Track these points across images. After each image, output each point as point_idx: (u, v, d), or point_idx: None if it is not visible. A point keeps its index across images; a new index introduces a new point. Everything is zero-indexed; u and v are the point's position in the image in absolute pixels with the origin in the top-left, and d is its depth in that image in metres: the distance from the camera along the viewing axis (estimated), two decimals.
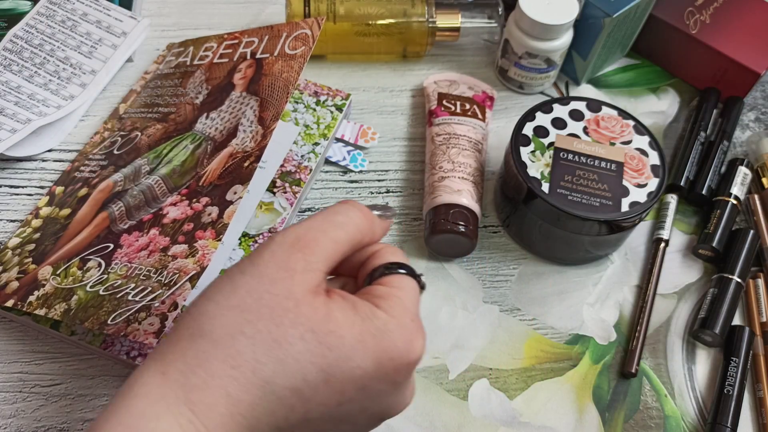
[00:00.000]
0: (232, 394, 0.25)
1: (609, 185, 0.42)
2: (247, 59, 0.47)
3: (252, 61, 0.47)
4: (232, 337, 0.25)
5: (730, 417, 0.40)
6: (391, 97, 0.54)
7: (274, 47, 0.46)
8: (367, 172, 0.50)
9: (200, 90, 0.48)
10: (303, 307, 0.26)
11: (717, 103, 0.54)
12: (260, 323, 0.26)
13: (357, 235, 0.29)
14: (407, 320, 0.28)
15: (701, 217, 0.49)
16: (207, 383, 0.25)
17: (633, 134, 0.44)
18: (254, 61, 0.47)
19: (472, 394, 0.41)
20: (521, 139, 0.44)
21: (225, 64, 0.48)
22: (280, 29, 0.47)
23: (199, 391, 0.25)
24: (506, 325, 0.44)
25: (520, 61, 0.52)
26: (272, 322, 0.26)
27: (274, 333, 0.25)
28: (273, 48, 0.46)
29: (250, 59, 0.47)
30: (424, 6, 0.53)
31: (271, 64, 0.45)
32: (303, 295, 0.26)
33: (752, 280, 0.46)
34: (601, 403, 0.41)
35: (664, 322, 0.44)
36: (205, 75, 0.49)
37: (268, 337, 0.25)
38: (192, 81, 0.49)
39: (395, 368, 0.27)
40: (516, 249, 0.47)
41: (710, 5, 0.55)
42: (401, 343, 0.27)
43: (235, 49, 0.49)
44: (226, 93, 0.46)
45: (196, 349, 0.26)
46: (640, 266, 0.47)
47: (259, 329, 0.25)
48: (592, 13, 0.50)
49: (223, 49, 0.50)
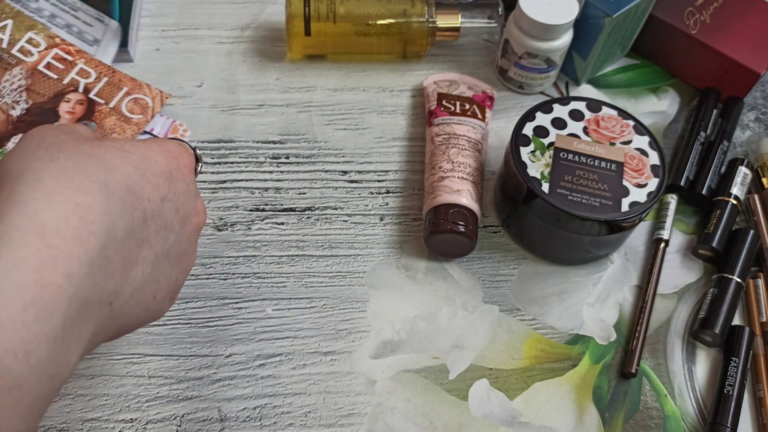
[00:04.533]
0: (80, 203, 0.25)
1: (609, 185, 0.42)
2: (79, 92, 0.44)
3: (84, 97, 0.44)
4: (51, 161, 0.26)
5: (730, 417, 0.40)
6: (391, 97, 0.54)
7: (111, 96, 0.44)
8: (366, 173, 0.50)
9: (18, 98, 0.43)
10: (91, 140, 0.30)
11: (717, 103, 0.54)
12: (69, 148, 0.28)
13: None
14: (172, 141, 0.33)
15: (701, 217, 0.49)
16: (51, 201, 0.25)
17: (633, 134, 0.44)
18: (86, 99, 0.44)
19: (472, 394, 0.41)
20: (521, 139, 0.44)
21: (53, 81, 0.44)
22: (121, 79, 0.44)
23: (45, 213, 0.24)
24: (506, 325, 0.44)
25: (520, 61, 0.52)
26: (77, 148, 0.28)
27: (83, 152, 0.28)
28: (110, 96, 0.44)
29: (83, 94, 0.44)
30: (423, 6, 0.53)
31: (104, 114, 0.43)
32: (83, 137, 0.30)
33: (752, 280, 0.46)
34: (601, 403, 0.41)
35: (664, 322, 0.44)
36: (26, 80, 0.44)
37: (82, 154, 0.27)
38: (8, 78, 0.44)
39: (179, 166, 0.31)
40: (516, 249, 0.47)
41: (710, 5, 0.55)
42: (174, 146, 0.32)
43: (67, 68, 0.45)
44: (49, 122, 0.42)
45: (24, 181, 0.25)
46: (640, 266, 0.47)
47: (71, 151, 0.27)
48: (592, 13, 0.50)
49: (52, 57, 0.45)
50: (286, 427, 0.39)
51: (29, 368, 0.23)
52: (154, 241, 0.30)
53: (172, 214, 0.31)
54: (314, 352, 0.42)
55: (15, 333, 0.22)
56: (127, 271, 0.28)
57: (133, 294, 0.29)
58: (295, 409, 0.40)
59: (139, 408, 0.39)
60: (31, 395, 0.23)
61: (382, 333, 0.43)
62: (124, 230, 0.27)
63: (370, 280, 0.45)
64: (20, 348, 0.22)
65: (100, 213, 0.26)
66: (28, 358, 0.23)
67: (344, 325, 0.43)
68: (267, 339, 0.42)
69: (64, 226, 0.24)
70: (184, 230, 0.32)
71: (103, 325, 0.27)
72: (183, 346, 0.42)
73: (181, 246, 0.32)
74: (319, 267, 0.45)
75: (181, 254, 0.32)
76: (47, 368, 0.24)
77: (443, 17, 0.54)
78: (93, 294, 0.25)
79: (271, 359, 0.42)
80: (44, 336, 0.23)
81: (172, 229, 0.31)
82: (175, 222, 0.31)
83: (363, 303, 0.44)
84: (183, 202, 0.31)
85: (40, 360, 0.23)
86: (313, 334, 0.43)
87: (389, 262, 0.46)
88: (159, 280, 0.31)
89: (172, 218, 0.31)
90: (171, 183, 0.30)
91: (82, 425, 0.39)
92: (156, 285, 0.31)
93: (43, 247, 0.24)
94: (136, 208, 0.28)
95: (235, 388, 0.40)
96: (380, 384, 0.41)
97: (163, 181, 0.30)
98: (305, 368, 0.41)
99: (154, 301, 0.31)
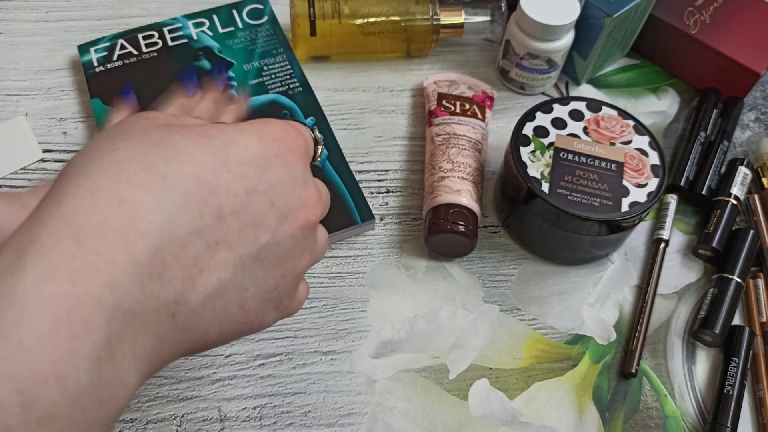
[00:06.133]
0: (127, 199, 0.22)
1: (609, 185, 0.42)
2: None
3: None
4: (108, 152, 0.23)
5: (730, 417, 0.40)
6: (391, 96, 0.54)
7: None
8: (367, 172, 0.50)
9: None
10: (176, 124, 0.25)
11: (717, 103, 0.54)
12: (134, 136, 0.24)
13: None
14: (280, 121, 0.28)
15: (701, 217, 0.49)
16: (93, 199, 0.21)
17: (633, 134, 0.44)
18: None
19: (472, 393, 0.41)
20: (521, 139, 0.44)
21: None
22: None
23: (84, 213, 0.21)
24: (506, 325, 0.44)
25: (521, 62, 0.52)
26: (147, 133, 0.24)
27: (152, 138, 0.24)
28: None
29: None
30: (428, 3, 0.53)
31: None
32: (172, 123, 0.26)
33: (752, 280, 0.46)
34: (601, 403, 0.41)
35: (664, 322, 0.44)
36: None
37: (148, 141, 0.24)
38: None
39: (281, 150, 0.26)
40: (516, 249, 0.47)
41: (710, 5, 0.55)
42: (278, 127, 0.27)
43: None
44: None
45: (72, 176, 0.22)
46: (640, 266, 0.47)
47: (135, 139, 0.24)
48: (592, 13, 0.50)
49: None
50: (286, 426, 0.39)
51: (65, 395, 0.19)
52: (237, 241, 0.25)
53: (265, 209, 0.26)
54: (314, 351, 0.42)
55: (44, 355, 0.19)
56: (194, 278, 0.24)
57: (205, 304, 0.24)
58: (295, 409, 0.40)
59: (139, 408, 0.39)
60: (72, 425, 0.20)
61: (382, 332, 0.43)
62: (188, 229, 0.23)
63: (370, 280, 0.45)
64: (52, 372, 0.19)
65: (152, 210, 0.22)
66: (63, 382, 0.19)
67: (344, 325, 0.43)
68: (267, 339, 0.42)
69: (105, 227, 0.21)
70: (285, 227, 0.27)
71: (167, 339, 0.24)
72: None
73: (280, 246, 0.27)
74: (319, 267, 0.45)
75: (281, 256, 0.27)
76: (92, 392, 0.20)
77: (447, 14, 0.54)
78: (145, 304, 0.22)
79: (270, 359, 0.42)
80: (83, 356, 0.20)
81: (264, 227, 0.26)
82: (270, 218, 0.26)
83: (363, 303, 0.44)
84: (282, 193, 0.26)
85: (78, 384, 0.20)
86: (313, 333, 0.43)
87: (389, 261, 0.46)
88: (247, 287, 0.26)
89: (264, 214, 0.26)
90: (265, 172, 0.26)
91: None
92: (243, 293, 0.26)
93: (78, 253, 0.20)
94: (208, 203, 0.24)
95: (234, 387, 0.40)
96: (380, 384, 0.41)
97: (252, 170, 0.25)
98: (305, 368, 0.41)
99: (244, 312, 0.27)
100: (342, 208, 0.46)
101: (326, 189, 0.31)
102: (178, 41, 0.53)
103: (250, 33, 0.54)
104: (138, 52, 0.52)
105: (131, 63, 0.52)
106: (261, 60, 0.53)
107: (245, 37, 0.54)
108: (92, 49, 0.53)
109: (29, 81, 0.53)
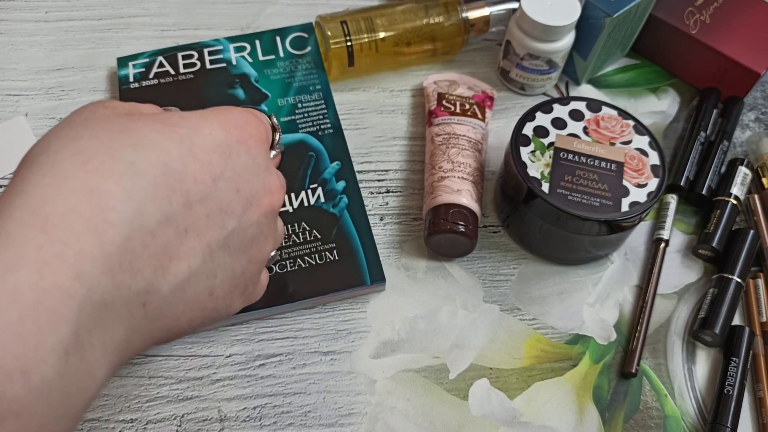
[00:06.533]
0: (94, 188, 0.21)
1: (609, 185, 0.42)
2: None
3: None
4: (72, 140, 0.23)
5: (730, 417, 0.40)
6: (391, 96, 0.54)
7: None
8: (366, 172, 0.50)
9: None
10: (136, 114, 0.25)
11: (717, 103, 0.54)
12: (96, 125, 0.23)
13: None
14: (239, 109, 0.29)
15: (701, 217, 0.49)
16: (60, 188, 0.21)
17: (633, 134, 0.44)
18: None
19: (472, 393, 0.41)
20: (521, 139, 0.44)
21: None
22: None
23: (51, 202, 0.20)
24: (506, 325, 0.44)
25: (521, 63, 0.52)
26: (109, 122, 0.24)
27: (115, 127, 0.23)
28: None
29: None
30: (456, 6, 0.53)
31: None
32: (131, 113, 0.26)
33: (752, 280, 0.46)
34: (601, 403, 0.41)
35: (664, 322, 0.44)
36: None
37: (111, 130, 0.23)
38: None
39: (243, 137, 0.26)
40: (516, 249, 0.47)
41: (710, 5, 0.55)
42: (239, 114, 0.27)
43: None
44: None
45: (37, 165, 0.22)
46: (640, 266, 0.47)
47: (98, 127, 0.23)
48: (592, 13, 0.50)
49: None
50: (285, 426, 0.39)
51: (30, 389, 0.19)
52: (205, 228, 0.25)
53: (231, 196, 0.26)
54: (314, 351, 0.42)
55: (8, 348, 0.18)
56: (165, 266, 0.23)
57: (176, 292, 0.24)
58: (295, 409, 0.40)
59: (140, 408, 0.39)
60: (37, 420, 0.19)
61: (382, 333, 0.43)
62: (158, 218, 0.23)
63: None
64: (16, 366, 0.19)
65: (121, 199, 0.22)
66: (29, 377, 0.19)
67: (344, 325, 0.43)
68: (267, 339, 0.42)
69: (73, 217, 0.20)
70: (250, 213, 0.27)
71: (138, 329, 0.23)
72: (183, 347, 0.42)
73: (246, 232, 0.27)
74: None
75: (246, 242, 0.27)
76: (59, 386, 0.20)
77: (473, 11, 0.54)
78: (116, 294, 0.22)
79: (271, 359, 0.42)
80: (50, 349, 0.19)
81: (231, 213, 0.26)
82: (236, 204, 0.26)
83: (363, 303, 0.44)
84: (247, 180, 0.27)
85: (44, 378, 0.19)
86: (313, 334, 0.43)
87: (389, 261, 0.46)
88: (216, 273, 0.26)
89: (230, 200, 0.26)
90: (229, 158, 0.26)
91: (83, 425, 0.39)
92: (212, 280, 0.26)
93: (46, 244, 0.20)
94: (176, 191, 0.23)
95: (234, 387, 0.40)
96: (380, 384, 0.41)
97: (217, 157, 0.25)
98: (305, 368, 0.41)
99: (213, 298, 0.27)
100: (352, 266, 0.43)
101: (283, 177, 0.31)
102: (216, 64, 0.52)
103: (290, 63, 0.52)
104: (175, 71, 0.51)
105: (166, 83, 0.51)
106: (297, 96, 0.50)
107: (285, 68, 0.52)
108: (131, 63, 0.52)
109: (29, 81, 0.53)
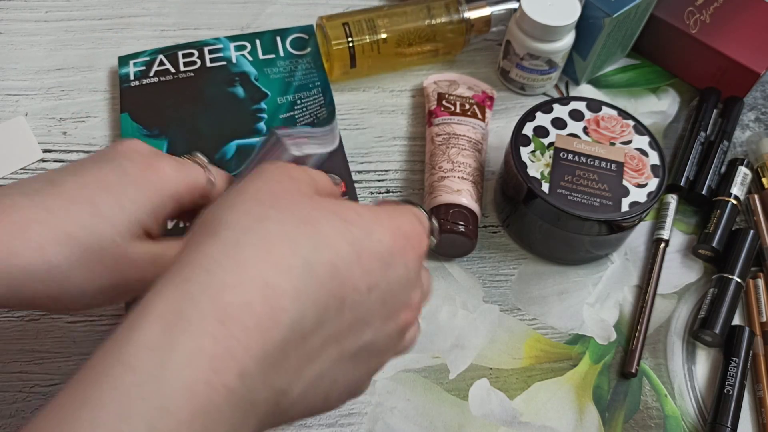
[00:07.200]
0: (270, 283, 0.21)
1: (609, 185, 0.42)
2: None
3: None
4: (259, 221, 0.22)
5: (730, 417, 0.40)
6: (391, 97, 0.54)
7: None
8: (367, 172, 0.50)
9: None
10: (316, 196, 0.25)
11: (717, 103, 0.54)
12: (283, 207, 0.23)
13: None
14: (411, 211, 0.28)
15: (701, 217, 0.49)
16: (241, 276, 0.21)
17: (633, 134, 0.44)
18: None
19: (472, 393, 0.41)
20: (521, 139, 0.44)
21: None
22: None
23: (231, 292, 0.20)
24: (506, 325, 0.44)
25: (521, 63, 0.52)
26: (294, 206, 0.24)
27: (299, 214, 0.23)
28: None
29: None
30: (456, 6, 0.53)
31: None
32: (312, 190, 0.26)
33: (752, 280, 0.46)
34: (601, 403, 0.41)
35: (664, 322, 0.44)
36: None
37: (295, 217, 0.23)
38: None
39: (405, 248, 0.26)
40: (516, 249, 0.47)
41: (710, 5, 0.55)
42: (408, 222, 0.26)
43: None
44: None
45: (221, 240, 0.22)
46: (640, 266, 0.47)
47: (284, 211, 0.23)
48: (592, 13, 0.50)
49: None
50: (286, 426, 0.39)
51: None
52: (345, 337, 0.24)
53: (376, 307, 0.25)
54: None
55: None
56: (301, 369, 0.23)
57: (303, 394, 0.23)
58: None
59: None
60: None
61: None
62: (313, 322, 0.22)
63: None
64: None
65: (291, 299, 0.21)
66: None
67: None
68: None
69: (248, 312, 0.20)
70: (386, 327, 0.26)
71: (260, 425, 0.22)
72: None
73: (375, 345, 0.26)
74: None
75: (373, 353, 0.26)
76: None
77: (473, 11, 0.54)
78: (262, 394, 0.21)
79: None
80: None
81: (370, 325, 0.25)
82: (377, 317, 0.25)
83: None
84: (395, 294, 0.25)
85: None
86: None
87: None
88: (336, 379, 0.25)
89: (374, 312, 0.25)
90: (388, 269, 0.25)
91: None
92: (330, 385, 0.25)
93: (221, 337, 0.20)
94: (335, 297, 0.23)
95: None
96: (380, 384, 0.41)
97: (378, 266, 0.24)
98: None
99: (325, 403, 0.26)
100: None
101: (430, 279, 0.30)
102: (216, 62, 0.52)
103: (290, 63, 0.52)
104: (175, 70, 0.51)
105: (166, 81, 0.51)
106: (296, 93, 0.51)
107: (285, 68, 0.52)
108: (132, 62, 0.52)
109: (29, 81, 0.53)
